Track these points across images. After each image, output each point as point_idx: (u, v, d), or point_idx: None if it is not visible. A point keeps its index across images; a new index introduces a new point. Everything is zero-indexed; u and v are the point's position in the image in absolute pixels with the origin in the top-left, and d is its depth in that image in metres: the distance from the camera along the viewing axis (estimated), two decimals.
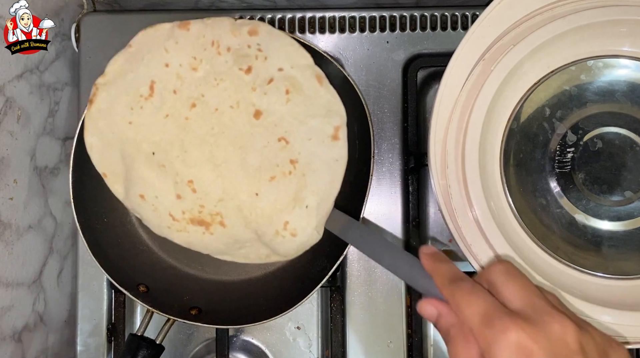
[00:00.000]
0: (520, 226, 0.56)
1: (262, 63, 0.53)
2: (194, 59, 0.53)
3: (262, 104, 0.53)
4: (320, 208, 0.54)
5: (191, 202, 0.55)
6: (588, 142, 0.57)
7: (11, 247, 0.58)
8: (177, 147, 0.54)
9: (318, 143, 0.54)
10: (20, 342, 0.60)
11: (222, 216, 0.55)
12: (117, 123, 0.54)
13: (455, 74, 0.54)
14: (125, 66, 0.54)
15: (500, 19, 0.54)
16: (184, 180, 0.54)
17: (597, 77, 0.57)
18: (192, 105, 0.53)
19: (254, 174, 0.54)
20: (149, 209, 0.56)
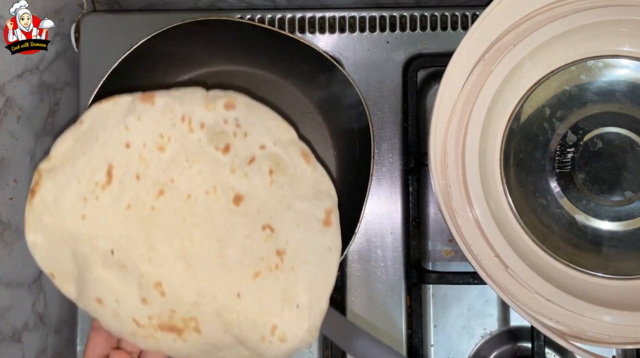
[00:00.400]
0: (521, 226, 0.56)
1: (241, 140, 0.46)
2: (161, 137, 0.45)
3: (243, 188, 0.46)
4: (313, 308, 0.47)
5: (159, 306, 0.45)
6: (588, 142, 0.57)
7: (11, 247, 0.58)
8: (142, 244, 0.45)
9: (307, 230, 0.47)
10: (20, 342, 0.60)
11: (197, 321, 0.46)
12: (66, 218, 0.45)
13: (455, 74, 0.54)
14: (75, 147, 0.46)
15: (500, 19, 0.54)
16: (151, 282, 0.45)
17: (597, 77, 0.57)
18: (159, 193, 0.45)
19: (234, 271, 0.46)
20: (108, 314, 0.46)
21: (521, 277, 0.53)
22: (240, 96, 0.47)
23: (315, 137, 0.65)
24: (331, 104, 0.64)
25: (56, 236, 0.46)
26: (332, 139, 0.65)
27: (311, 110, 0.65)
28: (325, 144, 0.65)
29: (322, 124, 0.65)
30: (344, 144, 0.64)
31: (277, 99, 0.65)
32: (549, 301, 0.53)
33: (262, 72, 0.65)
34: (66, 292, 0.48)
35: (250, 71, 0.65)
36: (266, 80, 0.65)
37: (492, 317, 0.66)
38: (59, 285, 0.48)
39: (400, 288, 0.65)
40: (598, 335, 0.52)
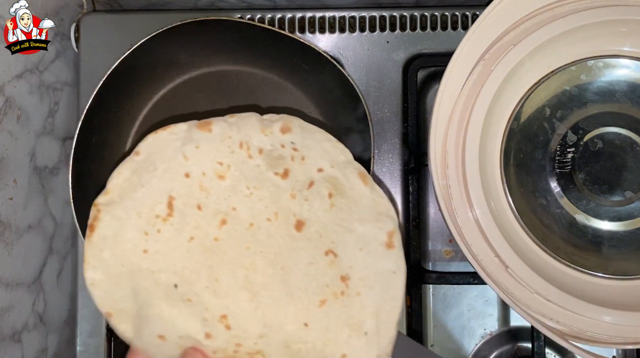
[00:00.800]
0: (521, 226, 0.56)
1: (299, 164, 0.46)
2: (220, 164, 0.45)
3: (304, 213, 0.45)
4: (382, 334, 0.46)
5: (224, 340, 0.44)
6: (588, 142, 0.57)
7: (11, 247, 0.58)
8: (205, 276, 0.44)
9: (370, 253, 0.46)
10: (19, 342, 0.60)
11: (263, 354, 0.44)
12: (127, 253, 0.44)
13: (455, 74, 0.54)
14: (133, 179, 0.45)
15: (500, 19, 0.54)
16: (215, 316, 0.44)
17: (597, 77, 0.57)
18: (221, 222, 0.44)
19: (300, 299, 0.45)
20: (172, 349, 0.45)
21: (521, 277, 0.52)
22: (295, 119, 0.47)
23: None
24: (331, 104, 0.64)
25: (116, 272, 0.45)
26: None
27: (311, 110, 0.65)
28: None
29: (322, 124, 0.65)
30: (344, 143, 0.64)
31: (277, 99, 0.65)
32: (549, 301, 0.53)
33: (262, 72, 0.65)
34: (123, 332, 0.46)
35: (250, 71, 0.65)
36: (266, 80, 0.65)
37: (492, 317, 0.66)
38: (115, 325, 0.46)
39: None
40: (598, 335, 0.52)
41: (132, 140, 0.65)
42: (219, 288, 0.44)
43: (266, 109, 0.47)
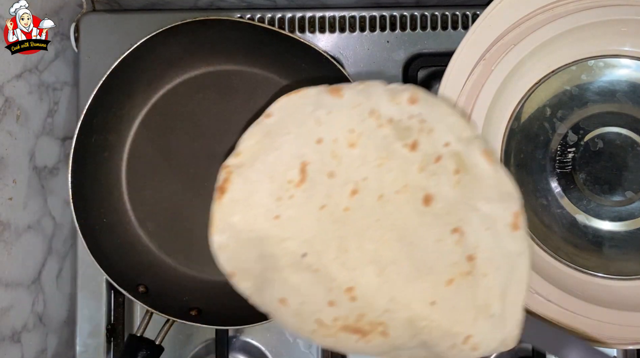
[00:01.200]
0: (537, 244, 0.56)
1: (426, 137, 0.44)
2: (351, 132, 0.43)
3: (431, 187, 0.44)
4: (509, 317, 0.45)
5: (347, 310, 0.44)
6: (589, 142, 0.57)
7: (10, 247, 0.58)
8: (335, 247, 0.43)
9: (496, 234, 0.45)
10: (19, 342, 0.60)
11: (385, 326, 0.44)
12: (258, 219, 0.44)
13: (455, 74, 0.54)
14: (264, 142, 0.44)
15: (500, 19, 0.54)
16: (342, 287, 0.44)
17: (597, 77, 0.57)
18: (352, 192, 0.43)
19: (428, 277, 0.44)
20: (290, 314, 0.45)
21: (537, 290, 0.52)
22: (420, 90, 0.45)
23: None
24: None
25: (244, 237, 0.44)
26: None
27: None
28: None
29: None
30: None
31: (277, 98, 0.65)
32: (549, 301, 0.53)
33: (262, 72, 0.65)
34: (243, 289, 0.46)
35: (250, 71, 0.65)
36: (266, 80, 0.65)
37: None
38: (236, 283, 0.46)
39: None
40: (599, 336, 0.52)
41: (131, 140, 0.65)
42: (348, 260, 0.43)
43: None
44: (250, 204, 0.44)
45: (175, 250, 0.64)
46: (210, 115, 0.65)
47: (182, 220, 0.65)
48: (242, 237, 0.44)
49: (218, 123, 0.65)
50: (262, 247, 0.44)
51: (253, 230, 0.44)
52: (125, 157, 0.65)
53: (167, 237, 0.65)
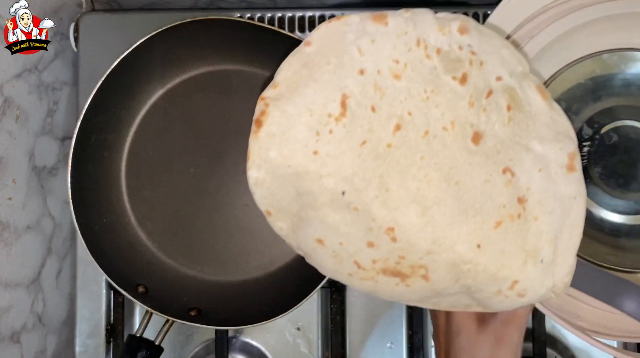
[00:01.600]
0: None
1: (477, 70, 0.42)
2: (396, 63, 0.40)
3: (481, 124, 0.42)
4: (559, 263, 0.43)
5: (387, 251, 0.42)
6: (604, 135, 0.56)
7: (10, 248, 0.58)
8: (375, 185, 0.41)
9: (550, 176, 0.43)
10: (18, 342, 0.60)
11: (427, 270, 0.42)
12: (296, 153, 0.41)
13: None
14: (303, 73, 0.41)
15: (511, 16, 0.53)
16: (382, 227, 0.41)
17: (612, 71, 0.56)
18: (395, 128, 0.40)
19: (474, 219, 0.42)
20: (327, 255, 0.43)
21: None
22: (471, 20, 0.42)
23: None
24: None
25: (281, 172, 0.41)
26: None
27: None
28: None
29: None
30: None
31: None
32: (568, 295, 0.52)
33: (262, 71, 0.65)
34: (279, 229, 0.44)
35: (250, 71, 0.65)
36: (266, 79, 0.65)
37: None
38: (272, 222, 0.44)
39: None
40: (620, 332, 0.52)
41: (131, 139, 0.65)
42: (389, 199, 0.41)
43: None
44: (288, 138, 0.41)
45: (175, 250, 0.64)
46: (210, 115, 0.65)
47: (182, 220, 0.65)
48: (278, 173, 0.41)
49: (218, 123, 0.65)
50: (299, 183, 0.41)
51: (290, 166, 0.41)
52: (125, 157, 0.65)
53: (167, 237, 0.65)
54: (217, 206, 0.65)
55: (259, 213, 0.64)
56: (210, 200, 0.65)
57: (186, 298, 0.63)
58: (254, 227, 0.64)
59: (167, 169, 0.65)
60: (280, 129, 0.41)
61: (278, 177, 0.42)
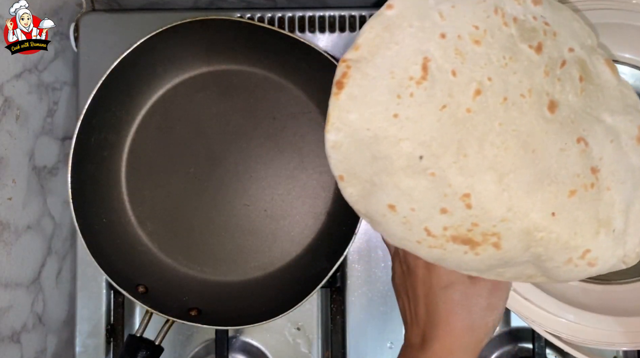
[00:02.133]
0: None
1: (551, 40, 0.42)
2: (476, 28, 0.40)
3: (556, 94, 0.42)
4: (630, 233, 0.44)
5: (460, 218, 0.41)
6: None
7: (10, 248, 0.58)
8: (453, 151, 0.40)
9: (621, 147, 0.43)
10: (18, 342, 0.60)
11: (499, 237, 0.42)
12: (376, 116, 0.40)
13: None
14: (384, 36, 0.40)
15: None
16: (458, 193, 0.41)
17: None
18: (475, 93, 0.40)
19: (549, 187, 0.41)
20: (397, 221, 0.43)
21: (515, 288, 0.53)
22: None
23: (315, 137, 0.65)
24: None
25: (360, 136, 0.41)
26: None
27: (311, 110, 0.65)
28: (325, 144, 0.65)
29: (322, 124, 0.64)
30: None
31: (277, 99, 0.65)
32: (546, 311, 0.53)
33: (262, 72, 0.65)
34: (349, 195, 0.44)
35: (250, 71, 0.65)
36: (266, 80, 0.65)
37: None
38: (342, 188, 0.44)
39: None
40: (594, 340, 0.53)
41: (131, 139, 0.65)
42: (466, 165, 0.40)
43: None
44: (369, 101, 0.40)
45: (175, 250, 0.64)
46: (210, 115, 0.65)
47: (182, 220, 0.65)
48: (357, 136, 0.41)
49: (218, 123, 0.65)
50: (376, 147, 0.41)
51: (370, 129, 0.40)
52: (125, 156, 0.65)
53: (167, 237, 0.65)
54: (217, 206, 0.65)
55: (259, 213, 0.64)
56: (210, 200, 0.65)
57: (186, 298, 0.63)
58: (254, 227, 0.65)
59: (167, 168, 0.65)
60: (361, 91, 0.40)
61: (356, 140, 0.41)
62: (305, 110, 0.65)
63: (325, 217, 0.65)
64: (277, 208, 0.65)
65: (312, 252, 0.64)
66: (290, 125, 0.65)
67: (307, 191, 0.65)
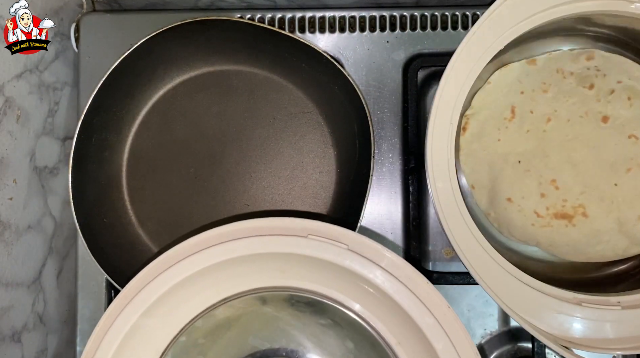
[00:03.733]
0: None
1: (601, 80, 0.60)
2: (544, 84, 0.61)
3: (607, 110, 0.60)
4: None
5: (554, 198, 0.60)
6: None
7: (10, 247, 0.58)
8: (539, 154, 0.60)
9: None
10: (19, 342, 0.60)
11: (584, 207, 0.59)
12: (487, 142, 0.61)
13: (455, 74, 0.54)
14: (486, 99, 0.62)
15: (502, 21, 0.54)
16: (547, 180, 0.60)
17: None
18: (547, 120, 0.60)
19: (610, 169, 0.59)
20: (515, 210, 0.60)
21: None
22: (597, 50, 0.61)
23: (315, 137, 0.65)
24: (331, 104, 0.64)
25: (480, 156, 0.61)
26: (332, 139, 0.65)
27: (311, 110, 0.65)
28: (325, 144, 0.65)
29: (322, 124, 0.65)
30: (344, 143, 0.64)
31: (277, 99, 0.65)
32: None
33: (262, 72, 0.65)
34: (479, 201, 0.62)
35: (250, 71, 0.65)
36: (266, 80, 0.65)
37: (493, 317, 0.66)
38: (476, 196, 0.62)
39: None
40: None
41: (132, 139, 0.65)
42: (549, 162, 0.60)
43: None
44: (482, 135, 0.61)
45: None
46: (211, 115, 0.65)
47: (183, 220, 0.65)
48: (478, 156, 0.61)
49: (218, 123, 0.65)
50: (491, 161, 0.61)
51: (485, 150, 0.61)
52: (126, 156, 0.65)
53: (167, 237, 0.65)
54: (218, 206, 0.65)
55: (259, 213, 0.64)
56: (210, 200, 0.65)
57: None
58: None
59: (168, 168, 0.65)
60: (477, 130, 0.61)
61: (478, 159, 0.61)
62: (305, 110, 0.65)
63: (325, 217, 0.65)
64: (277, 208, 0.65)
65: None
66: (290, 125, 0.65)
67: (307, 191, 0.65)
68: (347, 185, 0.64)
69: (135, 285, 0.52)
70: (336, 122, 0.64)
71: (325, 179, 0.65)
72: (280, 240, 0.53)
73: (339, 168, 0.65)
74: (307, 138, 0.65)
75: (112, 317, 0.52)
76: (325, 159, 0.65)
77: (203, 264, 0.53)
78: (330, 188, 0.65)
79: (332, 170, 0.65)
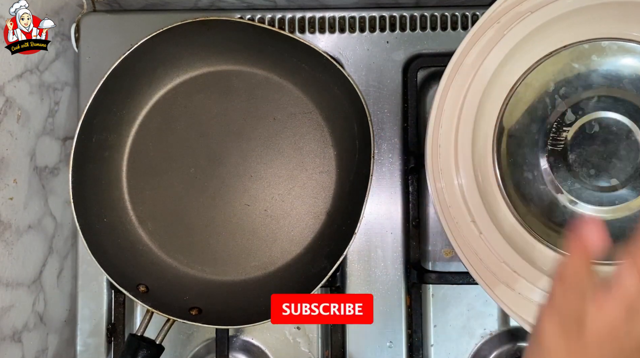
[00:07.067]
0: (503, 198, 0.56)
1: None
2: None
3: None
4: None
5: None
6: (586, 124, 0.56)
7: (11, 247, 0.58)
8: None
9: None
10: (20, 342, 0.60)
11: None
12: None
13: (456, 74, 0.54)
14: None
15: None
16: None
17: (608, 60, 0.56)
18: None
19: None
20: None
21: (492, 245, 0.53)
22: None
23: (315, 137, 0.65)
24: (331, 104, 0.64)
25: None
26: (332, 139, 0.65)
27: (311, 110, 0.65)
28: (325, 144, 0.65)
29: (322, 124, 0.65)
30: (344, 144, 0.64)
31: (277, 99, 0.65)
32: (514, 272, 0.53)
33: (262, 72, 0.65)
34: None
35: (250, 71, 0.65)
36: (266, 80, 0.65)
37: (492, 317, 0.66)
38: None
39: (400, 288, 0.65)
40: None
41: (132, 140, 0.65)
42: None
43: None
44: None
45: (176, 249, 0.64)
46: (211, 115, 0.65)
47: (183, 219, 0.65)
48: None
49: (218, 123, 0.65)
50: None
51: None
52: (126, 157, 0.65)
53: (168, 237, 0.65)
54: (218, 206, 0.65)
55: (259, 213, 0.65)
56: (210, 200, 0.65)
57: (187, 297, 0.63)
58: (254, 227, 0.65)
59: (168, 168, 0.65)
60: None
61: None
62: (305, 110, 0.65)
63: (325, 217, 0.65)
64: (277, 208, 0.65)
65: (312, 251, 0.64)
66: (290, 125, 0.65)
67: (307, 191, 0.65)
68: (347, 185, 0.64)
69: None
70: (336, 122, 0.64)
71: (325, 179, 0.65)
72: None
73: (339, 168, 0.65)
74: (307, 138, 0.65)
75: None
76: (325, 159, 0.65)
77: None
78: (330, 189, 0.65)
79: (332, 170, 0.65)
